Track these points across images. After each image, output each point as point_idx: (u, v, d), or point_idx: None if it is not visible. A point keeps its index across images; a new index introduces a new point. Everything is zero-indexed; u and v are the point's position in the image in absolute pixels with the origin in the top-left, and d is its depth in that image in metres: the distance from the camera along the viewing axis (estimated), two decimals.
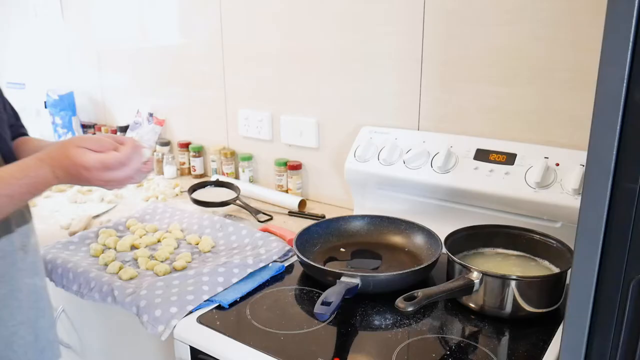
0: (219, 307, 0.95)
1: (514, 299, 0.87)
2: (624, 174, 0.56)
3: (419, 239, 1.12)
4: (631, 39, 0.52)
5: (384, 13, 1.25)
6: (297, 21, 1.41)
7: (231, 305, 0.95)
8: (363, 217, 1.19)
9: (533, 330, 0.87)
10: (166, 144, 1.84)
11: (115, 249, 1.18)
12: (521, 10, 1.07)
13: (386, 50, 1.27)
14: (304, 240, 1.10)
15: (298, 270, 1.08)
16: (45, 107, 2.10)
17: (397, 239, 1.15)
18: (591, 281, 0.60)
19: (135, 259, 1.14)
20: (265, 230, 1.26)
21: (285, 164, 1.52)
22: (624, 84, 0.53)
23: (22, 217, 0.88)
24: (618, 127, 0.54)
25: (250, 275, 1.04)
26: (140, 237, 1.23)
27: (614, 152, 0.55)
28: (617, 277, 0.59)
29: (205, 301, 0.95)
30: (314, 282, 1.02)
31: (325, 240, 1.15)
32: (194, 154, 1.76)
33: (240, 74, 1.58)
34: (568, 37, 1.03)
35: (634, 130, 0.54)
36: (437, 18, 1.18)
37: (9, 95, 0.97)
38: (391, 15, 1.24)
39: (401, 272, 0.96)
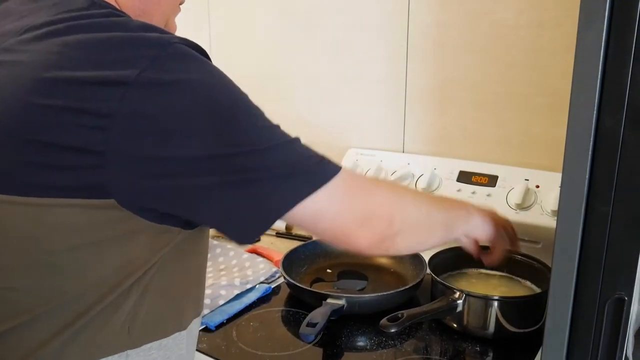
0: (206, 329, 0.95)
1: (497, 319, 0.88)
2: (597, 198, 0.58)
3: (404, 260, 1.13)
4: (600, 68, 0.55)
5: (370, 39, 1.28)
6: (285, 46, 1.44)
7: (218, 327, 0.95)
8: None
9: (516, 350, 0.88)
10: None
11: None
12: (499, 38, 1.10)
13: (372, 74, 1.30)
14: (290, 261, 1.11)
15: (285, 291, 1.09)
16: None
17: (382, 260, 1.16)
18: (568, 302, 0.62)
19: None
20: (252, 251, 1.27)
21: None
22: (595, 111, 0.56)
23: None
24: (590, 153, 0.57)
25: (237, 296, 1.04)
26: None
27: (587, 177, 0.58)
28: (593, 298, 0.61)
29: None
30: (300, 303, 1.03)
31: (312, 262, 1.16)
32: None
33: None
34: (545, 64, 1.06)
35: (605, 155, 0.57)
36: (420, 44, 1.21)
37: None
38: (377, 42, 1.27)
39: (386, 293, 0.97)
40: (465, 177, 1.14)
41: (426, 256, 1.04)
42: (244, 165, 0.56)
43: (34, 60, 0.55)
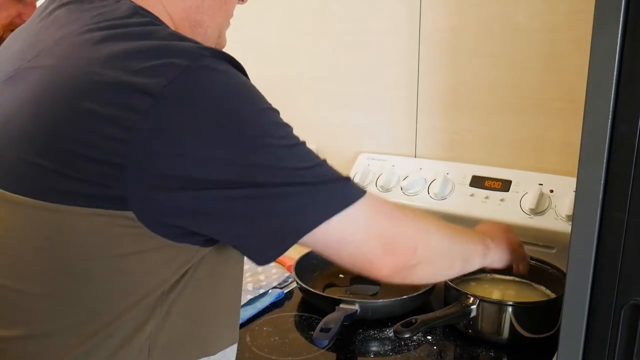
0: None
1: (511, 325, 0.88)
2: (612, 203, 0.58)
3: None
4: (615, 74, 0.55)
5: (382, 44, 1.28)
6: (297, 49, 1.44)
7: None
8: None
9: (531, 355, 0.88)
10: None
11: None
12: (512, 42, 1.10)
13: (384, 79, 1.30)
14: (303, 266, 1.11)
15: (298, 296, 1.09)
16: None
17: None
18: (583, 308, 0.61)
19: None
20: None
21: None
22: (610, 118, 0.56)
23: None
24: (605, 159, 0.57)
25: (250, 301, 1.05)
26: None
27: (602, 182, 0.57)
28: (608, 304, 0.60)
29: None
30: (313, 308, 1.03)
31: (325, 267, 1.16)
32: None
33: None
34: (559, 67, 1.06)
35: (620, 161, 0.56)
36: (432, 48, 1.21)
37: None
38: (388, 46, 1.28)
39: (399, 298, 0.97)
40: (478, 182, 1.13)
41: None
42: (269, 181, 0.55)
43: (73, 65, 0.55)
